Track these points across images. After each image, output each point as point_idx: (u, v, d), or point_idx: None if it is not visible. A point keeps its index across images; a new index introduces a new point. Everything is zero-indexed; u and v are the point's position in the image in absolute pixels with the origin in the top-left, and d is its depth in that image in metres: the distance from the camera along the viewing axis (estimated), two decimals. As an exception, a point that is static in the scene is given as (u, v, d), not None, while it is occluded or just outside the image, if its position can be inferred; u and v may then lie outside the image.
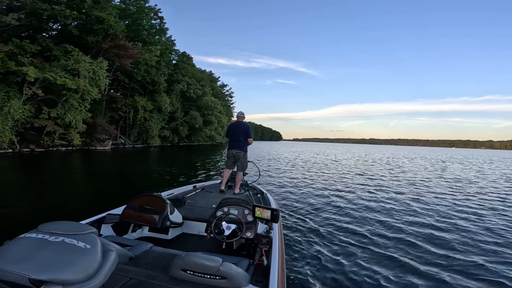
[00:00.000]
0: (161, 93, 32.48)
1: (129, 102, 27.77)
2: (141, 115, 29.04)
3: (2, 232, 3.49)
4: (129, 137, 30.09)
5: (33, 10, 16.57)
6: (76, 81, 15.90)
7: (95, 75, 17.71)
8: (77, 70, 16.35)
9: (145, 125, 30.16)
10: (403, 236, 4.19)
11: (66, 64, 16.21)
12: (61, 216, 1.97)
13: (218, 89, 58.87)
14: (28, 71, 14.18)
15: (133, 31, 29.43)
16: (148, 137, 31.42)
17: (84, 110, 18.28)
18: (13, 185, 7.49)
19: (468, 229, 4.71)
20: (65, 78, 15.47)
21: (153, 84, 32.08)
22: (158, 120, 32.08)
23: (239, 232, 2.25)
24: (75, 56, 16.67)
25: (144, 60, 28.13)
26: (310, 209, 5.59)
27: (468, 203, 6.77)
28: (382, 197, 7.18)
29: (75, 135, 18.33)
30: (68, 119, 17.19)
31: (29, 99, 16.23)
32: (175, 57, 41.64)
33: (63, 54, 17.09)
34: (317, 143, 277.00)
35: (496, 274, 3.11)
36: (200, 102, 41.85)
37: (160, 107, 31.95)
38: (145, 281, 1.48)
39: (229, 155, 4.65)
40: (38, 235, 1.13)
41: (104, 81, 18.70)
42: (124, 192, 6.76)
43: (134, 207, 2.55)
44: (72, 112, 17.33)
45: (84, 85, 16.26)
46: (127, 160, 17.08)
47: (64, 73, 15.83)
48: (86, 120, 19.27)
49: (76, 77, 16.35)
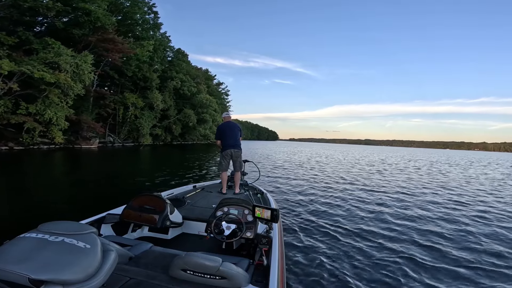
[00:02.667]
0: (153, 90, 31.39)
1: (118, 99, 26.62)
2: (131, 112, 27.93)
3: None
4: (118, 135, 28.94)
5: (13, 2, 15.47)
6: (56, 75, 14.78)
7: (78, 69, 16.57)
8: (57, 64, 15.21)
9: (135, 123, 29.03)
10: (403, 236, 4.21)
11: (45, 57, 15.08)
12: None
13: (213, 87, 57.83)
14: (2, 64, 13.08)
15: (125, 25, 28.35)
16: (139, 136, 30.32)
17: (66, 106, 17.14)
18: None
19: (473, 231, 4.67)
20: (43, 71, 14.34)
21: (145, 81, 30.98)
22: (150, 117, 30.99)
23: (239, 232, 2.24)
24: (55, 49, 15.53)
25: (135, 55, 27.07)
26: (310, 209, 5.59)
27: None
28: (382, 197, 7.19)
29: (56, 133, 17.21)
30: (48, 115, 16.06)
31: (6, 94, 15.12)
32: (170, 54, 40.61)
33: (43, 47, 15.96)
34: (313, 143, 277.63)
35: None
36: (194, 99, 40.80)
37: (152, 104, 30.87)
38: (145, 281, 1.48)
39: (225, 156, 4.50)
40: (38, 235, 1.14)
41: (88, 76, 17.57)
42: (91, 198, 5.98)
43: (134, 207, 2.54)
44: (52, 108, 16.18)
45: (65, 79, 15.14)
46: (111, 160, 16.07)
47: (42, 67, 14.69)
48: (70, 117, 18.13)
49: (56, 71, 15.22)
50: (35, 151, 17.22)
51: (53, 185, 7.58)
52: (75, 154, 17.06)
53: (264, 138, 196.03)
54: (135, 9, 27.67)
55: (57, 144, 18.87)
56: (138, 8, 27.94)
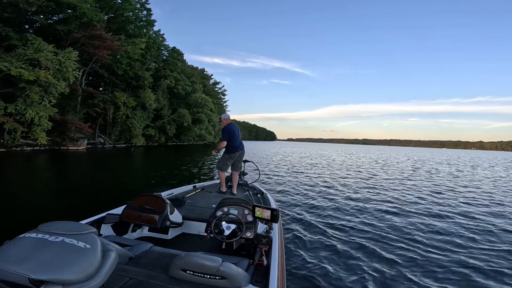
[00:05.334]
0: (145, 89, 30.40)
1: (108, 98, 25.61)
2: (122, 112, 26.92)
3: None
4: (109, 136, 27.94)
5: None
6: (35, 72, 13.80)
7: (61, 66, 15.61)
8: (37, 60, 14.24)
9: (127, 123, 28.01)
10: (405, 236, 4.18)
11: (24, 53, 14.10)
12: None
13: (210, 87, 56.89)
14: (-26, 60, 12.12)
15: (116, 23, 27.39)
16: (132, 136, 29.32)
17: (49, 106, 16.14)
18: None
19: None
20: (21, 68, 13.37)
21: (137, 79, 29.99)
22: (142, 117, 29.98)
23: (239, 232, 2.24)
24: (35, 45, 14.56)
25: (126, 53, 26.12)
26: (310, 209, 5.58)
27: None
28: (382, 197, 7.20)
29: (39, 134, 16.22)
30: (29, 115, 15.07)
31: (-17, 93, 14.18)
32: (165, 53, 39.66)
33: (23, 44, 14.98)
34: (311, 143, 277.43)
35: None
36: (189, 99, 39.84)
37: (144, 104, 29.89)
38: (145, 281, 1.48)
39: (232, 157, 4.46)
40: (38, 235, 1.14)
41: (73, 74, 16.60)
42: (66, 206, 5.28)
43: (134, 207, 2.53)
44: (34, 108, 15.19)
45: (45, 76, 14.16)
46: (96, 162, 15.16)
47: (21, 64, 13.72)
48: (54, 117, 17.14)
49: (36, 68, 14.24)
50: (18, 153, 16.27)
51: (26, 190, 6.92)
52: (58, 157, 16.12)
53: (262, 138, 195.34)
54: (126, 5, 26.73)
55: (41, 146, 17.89)
56: (129, 4, 27.00)
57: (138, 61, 28.99)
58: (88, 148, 22.57)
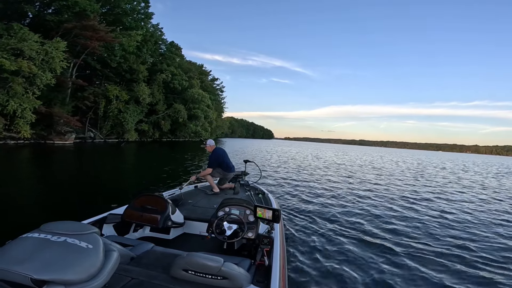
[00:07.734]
0: (139, 83, 29.61)
1: (100, 91, 24.80)
2: (114, 105, 26.14)
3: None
4: (100, 130, 27.18)
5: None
6: (18, 62, 13.04)
7: (47, 56, 14.84)
8: (20, 50, 13.46)
9: (119, 117, 27.25)
10: (406, 237, 4.18)
11: (6, 42, 13.32)
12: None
13: (208, 83, 56.01)
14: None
15: (113, 14, 26.52)
16: (124, 131, 28.59)
17: (33, 97, 15.38)
18: None
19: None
20: (3, 58, 12.61)
21: (132, 73, 29.19)
22: (135, 112, 29.22)
23: (241, 232, 2.24)
24: (19, 34, 13.77)
25: (120, 45, 25.31)
26: (311, 209, 5.58)
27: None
28: (382, 197, 7.27)
29: (23, 127, 15.49)
30: (11, 107, 14.33)
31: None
32: (163, 47, 38.81)
33: (8, 33, 14.17)
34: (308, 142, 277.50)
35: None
36: (185, 94, 39.06)
37: (138, 98, 29.12)
38: (147, 281, 1.47)
39: (225, 175, 4.48)
40: (40, 235, 1.14)
41: (60, 64, 15.82)
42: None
43: (135, 207, 2.53)
44: (17, 100, 14.44)
45: (29, 67, 13.41)
46: (81, 158, 14.49)
47: (3, 53, 12.95)
48: (39, 109, 16.39)
49: (19, 58, 13.47)
50: (1, 146, 15.59)
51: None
52: (43, 151, 15.42)
53: (259, 136, 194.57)
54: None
55: (26, 139, 17.14)
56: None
57: (133, 54, 28.20)
58: (76, 142, 21.79)
